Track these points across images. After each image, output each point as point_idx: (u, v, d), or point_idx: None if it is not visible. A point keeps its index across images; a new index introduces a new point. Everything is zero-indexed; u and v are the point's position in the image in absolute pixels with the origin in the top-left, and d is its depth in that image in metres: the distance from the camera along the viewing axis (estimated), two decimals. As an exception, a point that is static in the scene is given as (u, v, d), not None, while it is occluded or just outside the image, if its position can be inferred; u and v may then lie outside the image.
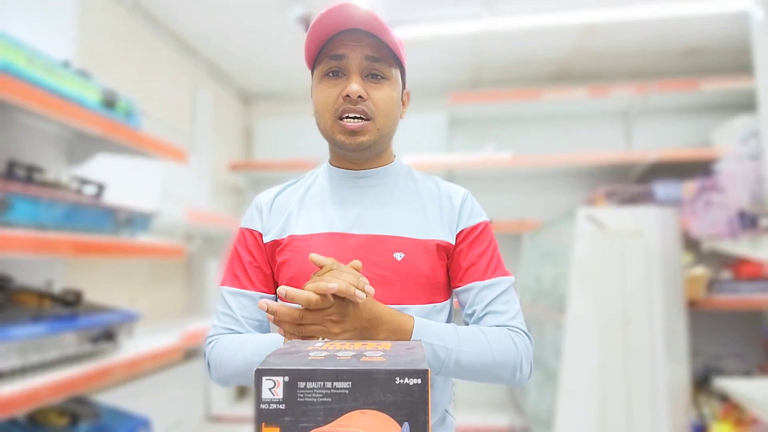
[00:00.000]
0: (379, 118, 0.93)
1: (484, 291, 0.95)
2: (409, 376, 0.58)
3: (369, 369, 0.58)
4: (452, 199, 1.00)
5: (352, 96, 0.90)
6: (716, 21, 3.24)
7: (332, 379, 0.58)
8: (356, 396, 0.57)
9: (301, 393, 0.58)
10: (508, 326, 0.94)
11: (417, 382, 0.57)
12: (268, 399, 0.58)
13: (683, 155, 3.53)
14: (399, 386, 0.57)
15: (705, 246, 2.41)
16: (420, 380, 0.57)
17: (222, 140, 4.14)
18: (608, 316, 2.47)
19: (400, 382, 0.57)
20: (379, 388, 0.57)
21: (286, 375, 0.58)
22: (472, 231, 0.98)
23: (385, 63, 0.94)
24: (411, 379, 0.57)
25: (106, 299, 2.40)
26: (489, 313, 0.95)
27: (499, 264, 0.99)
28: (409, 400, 0.57)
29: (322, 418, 0.57)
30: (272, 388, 0.58)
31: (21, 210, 1.62)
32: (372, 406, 0.57)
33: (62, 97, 1.77)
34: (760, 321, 3.56)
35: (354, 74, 0.92)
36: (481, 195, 1.09)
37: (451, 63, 3.96)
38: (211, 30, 3.40)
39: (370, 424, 0.56)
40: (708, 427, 2.81)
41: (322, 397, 0.58)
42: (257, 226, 1.00)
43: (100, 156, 2.38)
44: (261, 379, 0.58)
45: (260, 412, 0.58)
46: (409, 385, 0.57)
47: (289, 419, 0.57)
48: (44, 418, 1.86)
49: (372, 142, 0.94)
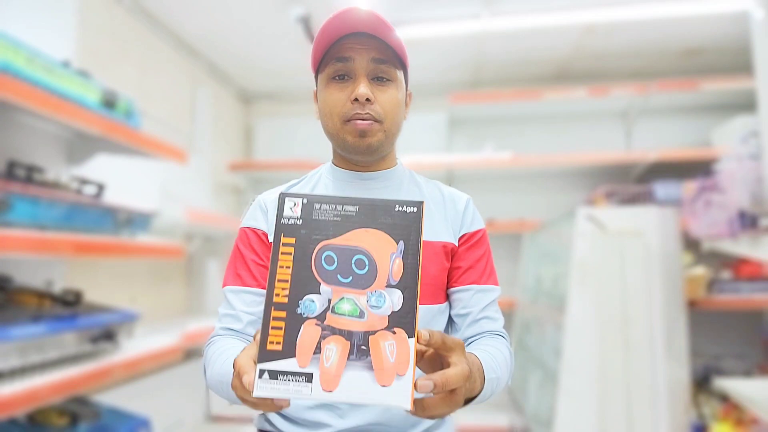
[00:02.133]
0: (387, 120, 0.93)
1: (480, 294, 0.97)
2: (407, 205, 0.69)
3: (374, 199, 0.70)
4: (456, 203, 1.01)
5: (360, 99, 0.90)
6: (716, 21, 3.24)
7: (343, 203, 0.69)
8: (362, 218, 0.68)
9: (316, 212, 0.68)
10: (500, 333, 0.97)
11: (413, 210, 0.69)
12: (288, 215, 0.68)
13: (683, 155, 3.53)
14: (398, 212, 0.68)
15: (705, 246, 2.41)
16: (416, 209, 0.69)
17: (222, 140, 4.14)
18: (608, 316, 2.47)
19: (399, 209, 0.68)
20: (381, 212, 0.68)
21: (305, 198, 0.69)
22: (473, 236, 1.00)
23: (391, 65, 0.94)
24: (408, 208, 0.69)
25: (106, 299, 2.40)
26: (485, 318, 0.97)
27: (493, 272, 1.01)
28: (405, 223, 0.68)
29: (332, 233, 0.67)
30: (292, 207, 0.69)
31: (21, 210, 1.62)
32: (374, 227, 0.68)
33: (62, 97, 1.77)
34: (760, 321, 3.56)
35: (361, 77, 0.92)
36: (481, 195, 1.10)
37: (451, 63, 3.95)
38: (211, 30, 3.40)
39: (372, 240, 0.67)
40: (708, 427, 2.81)
41: (333, 217, 0.68)
42: (262, 225, 0.98)
43: (99, 156, 2.38)
44: (284, 199, 0.69)
45: (280, 226, 0.68)
46: (406, 212, 0.68)
47: (305, 232, 0.68)
48: (44, 418, 1.86)
49: (380, 143, 0.94)
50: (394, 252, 0.67)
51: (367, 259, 0.66)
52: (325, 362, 0.62)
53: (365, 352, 0.63)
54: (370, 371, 0.62)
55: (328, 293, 0.65)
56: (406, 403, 0.61)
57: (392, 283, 0.65)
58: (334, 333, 0.64)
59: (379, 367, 0.62)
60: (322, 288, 0.65)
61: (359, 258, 0.66)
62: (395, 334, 0.64)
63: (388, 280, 0.66)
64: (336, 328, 0.64)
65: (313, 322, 0.64)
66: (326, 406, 0.90)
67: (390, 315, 0.64)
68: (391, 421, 0.90)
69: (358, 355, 0.63)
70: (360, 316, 0.65)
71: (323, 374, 0.62)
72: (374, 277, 0.66)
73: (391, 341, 0.63)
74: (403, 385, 0.62)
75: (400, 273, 0.66)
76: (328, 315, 0.65)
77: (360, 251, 0.66)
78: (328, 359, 0.62)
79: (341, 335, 0.64)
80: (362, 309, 0.65)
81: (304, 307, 0.65)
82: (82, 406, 2.01)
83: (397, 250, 0.67)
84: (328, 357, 0.63)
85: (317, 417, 0.90)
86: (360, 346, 0.63)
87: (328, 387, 0.62)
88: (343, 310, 0.65)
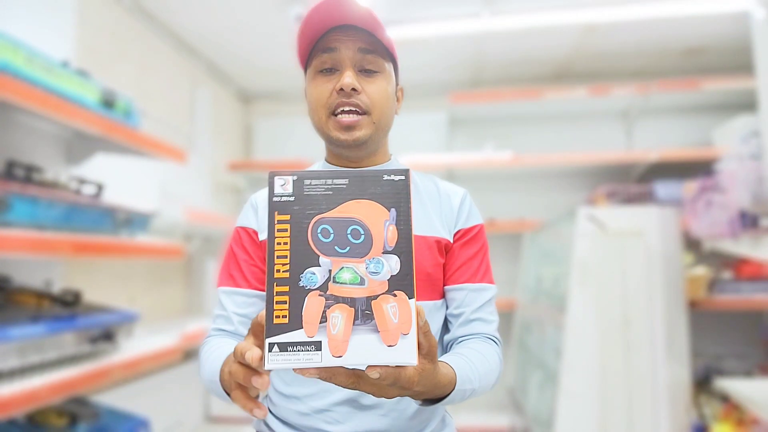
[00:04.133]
0: (375, 111, 0.92)
1: (474, 294, 0.95)
2: (395, 174, 0.71)
3: (362, 170, 0.72)
4: (451, 198, 0.99)
5: (345, 89, 0.89)
6: (717, 20, 3.23)
7: (333, 177, 0.70)
8: (352, 190, 0.70)
9: (307, 188, 0.70)
10: (492, 337, 0.95)
11: (401, 178, 0.71)
12: (279, 193, 0.70)
13: (684, 155, 3.52)
14: (386, 181, 0.70)
15: (706, 246, 2.40)
16: (403, 177, 0.71)
17: (221, 140, 4.14)
18: (609, 316, 2.46)
19: (387, 178, 0.70)
20: (370, 183, 0.70)
21: (294, 175, 0.70)
22: (468, 232, 0.98)
23: (379, 56, 0.93)
24: (396, 176, 0.70)
25: (105, 299, 2.40)
26: (478, 320, 0.94)
27: (489, 270, 0.99)
28: (395, 191, 0.70)
29: (324, 207, 0.69)
30: (283, 185, 0.70)
31: (20, 210, 1.61)
32: (365, 197, 0.69)
33: (61, 97, 1.76)
34: (761, 321, 3.55)
35: (347, 68, 0.91)
36: (481, 195, 1.09)
37: (451, 62, 3.95)
38: (211, 29, 3.40)
39: (364, 210, 0.69)
40: (709, 427, 2.81)
41: (324, 191, 0.70)
42: (252, 223, 0.98)
43: (99, 156, 2.38)
44: (273, 179, 0.70)
45: (273, 204, 0.69)
46: (394, 180, 0.70)
47: (298, 208, 0.69)
48: (43, 418, 1.86)
49: (368, 136, 0.93)
50: (387, 219, 0.69)
51: (362, 228, 0.68)
52: (332, 329, 0.65)
53: (369, 316, 0.66)
54: (375, 333, 0.65)
55: (327, 264, 0.67)
56: (412, 359, 0.65)
57: (388, 249, 0.68)
58: (337, 301, 0.66)
59: (384, 328, 0.65)
60: (322, 260, 0.68)
61: (354, 228, 0.68)
62: (396, 297, 0.67)
63: (384, 247, 0.68)
64: (339, 297, 0.67)
65: (317, 293, 0.66)
66: (323, 413, 0.89)
67: (389, 279, 0.67)
68: (391, 428, 0.89)
69: (363, 320, 0.66)
70: (361, 283, 0.67)
71: (331, 341, 0.65)
72: (370, 245, 0.68)
73: (393, 303, 0.66)
74: (408, 343, 0.65)
75: (395, 239, 0.68)
76: (330, 285, 0.67)
77: (354, 221, 0.68)
78: (334, 326, 0.65)
79: (345, 303, 0.66)
80: (362, 276, 0.67)
81: (306, 279, 0.67)
82: (82, 407, 2.00)
83: (390, 218, 0.69)
84: (335, 324, 0.65)
85: (315, 424, 0.90)
86: (364, 311, 0.66)
87: (337, 352, 0.64)
88: (343, 279, 0.67)
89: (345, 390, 0.87)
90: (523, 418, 3.05)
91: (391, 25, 0.90)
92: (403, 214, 0.69)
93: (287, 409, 0.92)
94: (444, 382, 0.76)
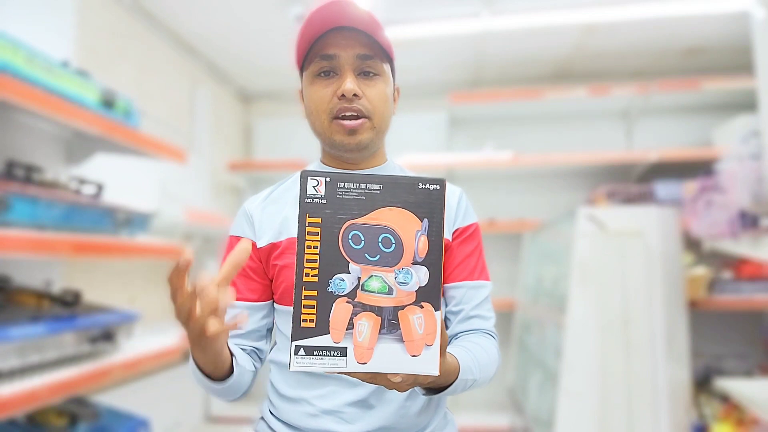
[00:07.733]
0: (376, 115, 0.93)
1: (473, 291, 0.97)
2: (430, 183, 0.69)
3: (397, 176, 0.69)
4: (448, 198, 1.00)
5: (347, 95, 0.89)
6: (717, 20, 3.23)
7: (366, 181, 0.68)
8: (385, 196, 0.68)
9: (340, 191, 0.68)
10: (490, 332, 0.97)
11: (436, 188, 0.69)
12: (311, 194, 0.68)
13: (684, 155, 3.52)
14: (421, 190, 0.69)
15: (706, 246, 2.40)
16: (438, 186, 0.69)
17: (221, 140, 4.14)
18: (609, 316, 2.46)
19: (422, 187, 0.69)
20: (404, 190, 0.68)
21: (327, 177, 0.68)
22: (464, 231, 0.99)
23: (377, 59, 0.93)
24: (431, 185, 0.69)
25: (105, 299, 2.39)
26: (477, 317, 0.96)
27: (485, 267, 1.01)
28: (429, 201, 0.68)
29: (356, 212, 0.68)
30: (315, 186, 0.68)
31: (20, 210, 1.61)
32: (398, 205, 0.68)
33: (61, 97, 1.76)
34: (761, 321, 3.55)
35: (347, 72, 0.91)
36: (481, 195, 1.09)
37: (451, 62, 3.95)
38: (211, 29, 3.40)
39: (396, 218, 0.68)
40: (709, 427, 2.81)
41: (357, 196, 0.68)
42: (247, 233, 0.98)
43: (99, 156, 2.38)
44: (306, 179, 0.68)
45: (305, 205, 0.68)
46: (429, 189, 0.69)
47: (329, 212, 0.68)
48: (43, 418, 1.86)
49: (370, 140, 0.93)
50: (419, 229, 0.68)
51: (394, 237, 0.68)
52: (358, 336, 0.66)
53: (395, 325, 0.67)
54: (400, 343, 0.66)
55: (357, 272, 0.67)
56: (434, 370, 0.66)
57: (418, 260, 0.67)
58: (365, 309, 0.67)
59: (409, 338, 0.66)
60: (351, 267, 0.67)
61: (386, 236, 0.68)
62: (422, 308, 0.67)
63: (414, 257, 0.67)
64: (366, 305, 0.67)
65: (344, 300, 0.67)
66: (334, 413, 0.89)
67: (417, 290, 0.67)
68: (398, 425, 0.90)
69: (389, 329, 0.66)
70: (389, 292, 0.67)
71: (357, 348, 0.66)
72: (401, 255, 0.67)
73: (419, 314, 0.67)
74: (431, 354, 0.66)
75: (425, 250, 0.68)
76: (358, 293, 0.67)
77: (386, 230, 0.68)
78: (360, 334, 0.66)
79: (372, 311, 0.67)
80: (391, 286, 0.67)
81: (334, 286, 0.67)
82: (81, 407, 2.00)
83: (422, 228, 0.68)
84: (361, 332, 0.66)
85: (324, 425, 0.90)
86: (390, 321, 0.67)
87: (362, 359, 0.66)
88: (372, 287, 0.67)
89: (354, 391, 0.89)
90: (523, 418, 3.05)
91: (391, 25, 0.90)
92: (435, 225, 0.68)
93: (292, 412, 0.92)
94: (449, 371, 0.78)
